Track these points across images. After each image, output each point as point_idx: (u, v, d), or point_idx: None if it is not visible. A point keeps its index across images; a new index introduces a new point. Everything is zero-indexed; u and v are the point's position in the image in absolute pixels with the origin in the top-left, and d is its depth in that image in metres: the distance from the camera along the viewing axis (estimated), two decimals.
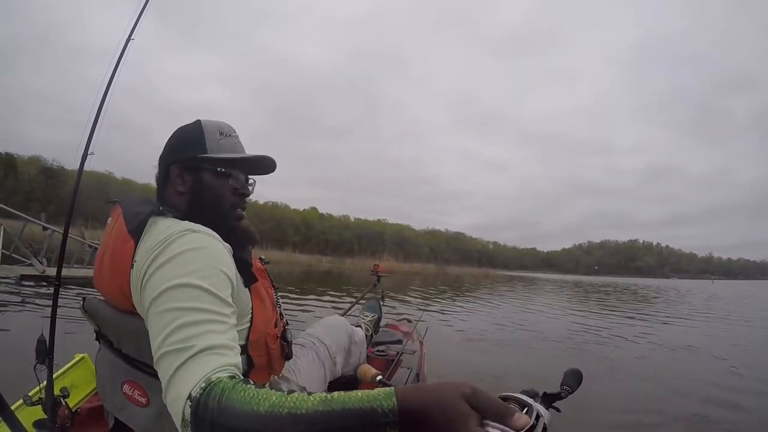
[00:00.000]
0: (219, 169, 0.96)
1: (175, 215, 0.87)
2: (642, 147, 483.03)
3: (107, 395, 0.95)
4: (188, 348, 0.62)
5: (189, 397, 0.56)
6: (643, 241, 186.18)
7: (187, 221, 0.84)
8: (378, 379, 1.39)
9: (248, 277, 0.93)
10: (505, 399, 0.55)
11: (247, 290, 0.94)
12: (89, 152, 1.29)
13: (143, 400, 0.85)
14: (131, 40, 1.37)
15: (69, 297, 5.46)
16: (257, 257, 1.13)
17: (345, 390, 0.54)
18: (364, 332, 1.75)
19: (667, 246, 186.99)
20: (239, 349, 0.69)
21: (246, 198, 1.02)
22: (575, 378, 0.63)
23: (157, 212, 0.85)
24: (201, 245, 0.77)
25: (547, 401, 0.59)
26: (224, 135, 0.98)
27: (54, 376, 1.13)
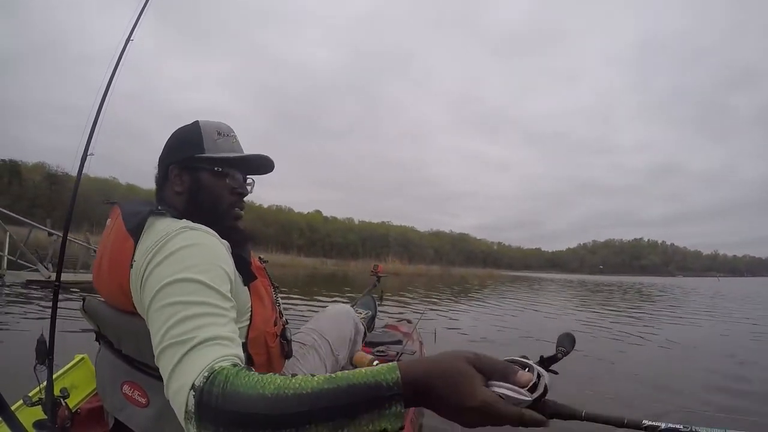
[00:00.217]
0: (216, 169, 0.96)
1: (174, 215, 0.86)
2: (645, 145, 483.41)
3: (107, 396, 0.95)
4: (189, 339, 0.61)
5: (192, 387, 0.54)
6: (648, 240, 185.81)
7: (185, 220, 0.84)
8: (375, 364, 1.37)
9: (247, 275, 0.93)
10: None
11: (246, 288, 0.94)
12: (89, 153, 1.30)
13: (143, 401, 0.85)
14: (131, 41, 1.38)
15: (74, 299, 5.48)
16: (256, 256, 1.13)
17: None
18: None
19: (672, 244, 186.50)
20: (240, 342, 0.68)
21: (244, 197, 1.02)
22: (569, 340, 0.65)
23: (156, 212, 0.85)
24: (198, 242, 0.77)
25: (546, 364, 0.61)
26: (222, 135, 0.99)
27: (54, 377, 1.14)
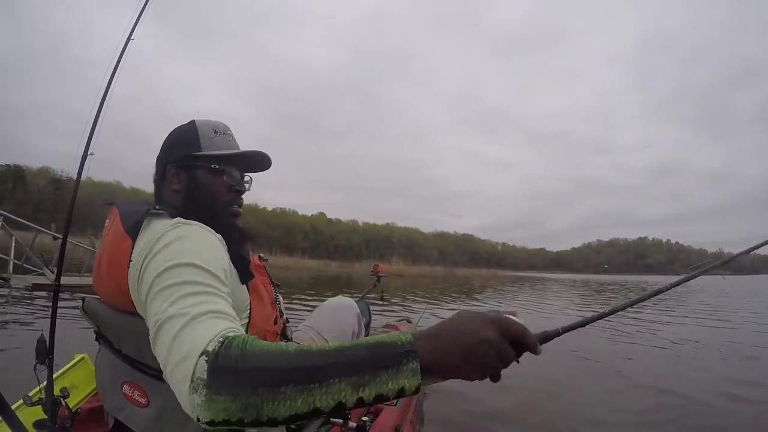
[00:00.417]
0: (213, 166, 0.96)
1: (171, 213, 0.86)
2: (646, 145, 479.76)
3: (107, 395, 0.95)
4: (193, 312, 0.59)
5: (203, 353, 0.52)
6: (653, 239, 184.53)
7: (179, 217, 0.84)
8: None
9: (245, 274, 0.92)
10: None
11: (245, 287, 0.93)
12: (90, 153, 1.30)
13: (143, 401, 0.84)
14: (131, 41, 1.38)
15: (78, 302, 5.47)
16: (256, 255, 1.12)
17: None
18: None
19: (677, 242, 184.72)
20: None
21: (242, 195, 1.02)
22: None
23: (153, 212, 0.85)
24: (192, 234, 0.78)
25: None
26: (218, 133, 0.99)
27: (54, 377, 1.14)
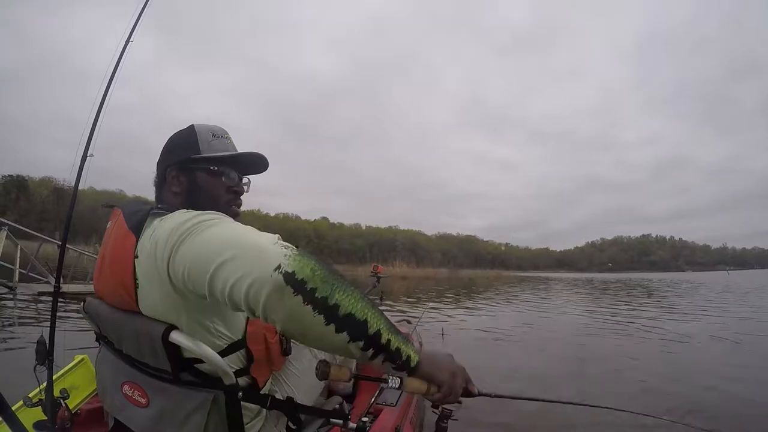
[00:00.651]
0: (212, 168, 0.99)
1: (176, 211, 0.87)
2: (650, 140, 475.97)
3: (107, 396, 0.95)
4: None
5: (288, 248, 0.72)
6: (656, 236, 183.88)
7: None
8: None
9: None
10: None
11: None
12: (89, 154, 1.30)
13: (143, 401, 0.85)
14: (131, 42, 1.38)
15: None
16: None
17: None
18: None
19: (681, 239, 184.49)
20: None
21: (240, 196, 1.04)
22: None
23: (156, 210, 0.87)
24: (218, 214, 0.81)
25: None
26: (216, 137, 1.01)
27: (54, 378, 1.14)
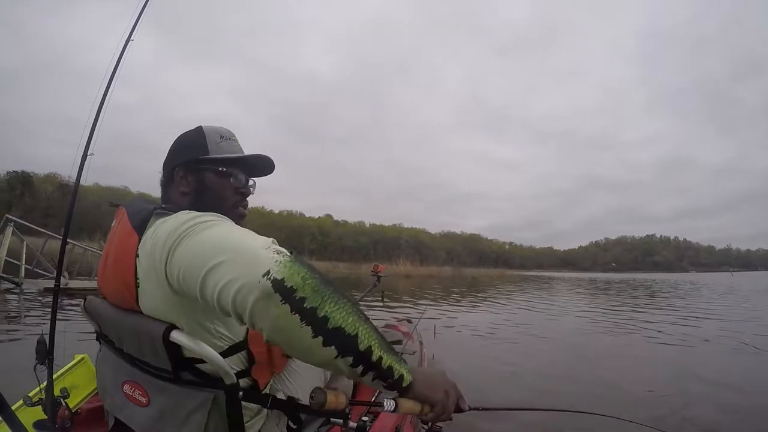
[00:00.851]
0: (220, 169, 1.00)
1: (180, 211, 0.87)
2: (653, 139, 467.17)
3: (108, 395, 0.95)
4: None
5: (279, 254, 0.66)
6: (660, 236, 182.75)
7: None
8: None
9: None
10: None
11: None
12: (89, 153, 1.30)
13: (144, 400, 0.85)
14: (131, 41, 1.38)
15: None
16: None
17: None
18: None
19: (685, 239, 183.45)
20: None
21: (247, 197, 1.05)
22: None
23: (159, 210, 0.87)
24: (217, 215, 0.81)
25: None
26: (224, 138, 1.02)
27: (54, 377, 1.14)
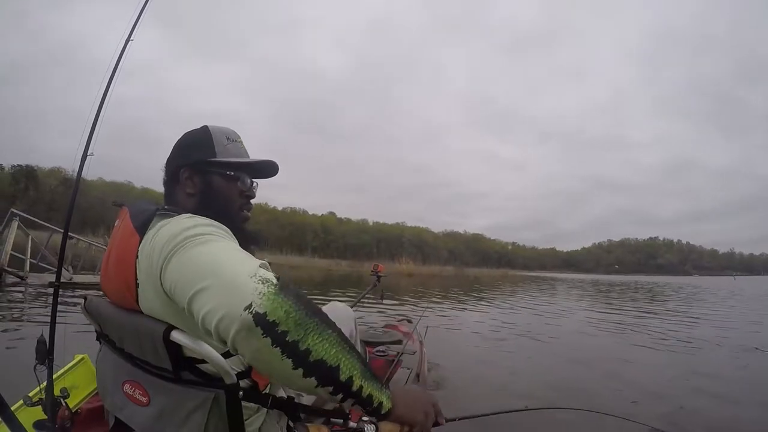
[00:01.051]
0: (228, 173, 0.99)
1: (180, 214, 0.86)
2: (659, 141, 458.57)
3: (108, 395, 0.95)
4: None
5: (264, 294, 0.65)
6: (664, 239, 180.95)
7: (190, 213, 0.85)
8: None
9: None
10: None
11: None
12: (89, 153, 1.31)
13: (144, 400, 0.84)
14: (131, 41, 1.38)
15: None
16: (260, 258, 1.13)
17: None
18: None
19: (688, 243, 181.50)
20: None
21: (251, 200, 1.05)
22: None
23: (162, 211, 0.86)
24: (215, 226, 0.82)
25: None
26: (231, 140, 1.02)
27: (54, 377, 1.14)
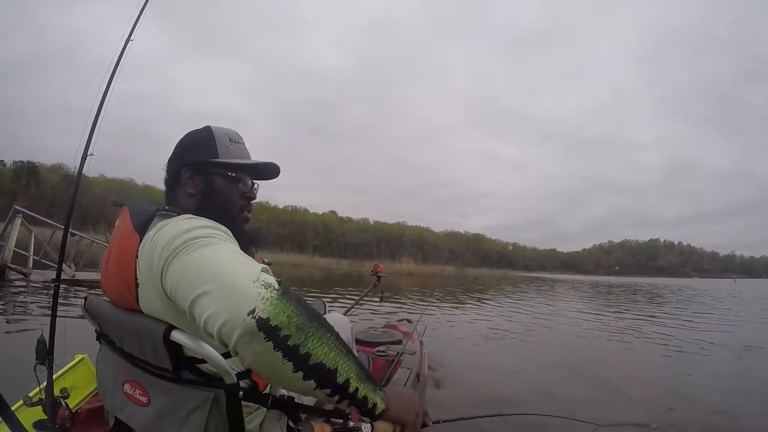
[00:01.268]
0: (230, 174, 1.00)
1: (181, 215, 0.86)
2: (661, 141, 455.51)
3: (108, 395, 0.95)
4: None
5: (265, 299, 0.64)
6: (664, 240, 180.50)
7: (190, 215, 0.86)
8: None
9: None
10: None
11: None
12: (89, 153, 1.31)
13: (144, 400, 0.85)
14: (131, 41, 1.38)
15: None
16: (260, 258, 1.13)
17: None
18: None
19: (689, 245, 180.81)
20: None
21: (251, 201, 1.05)
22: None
23: (162, 212, 0.86)
24: (215, 228, 0.82)
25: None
26: (233, 141, 1.02)
27: (54, 377, 1.14)
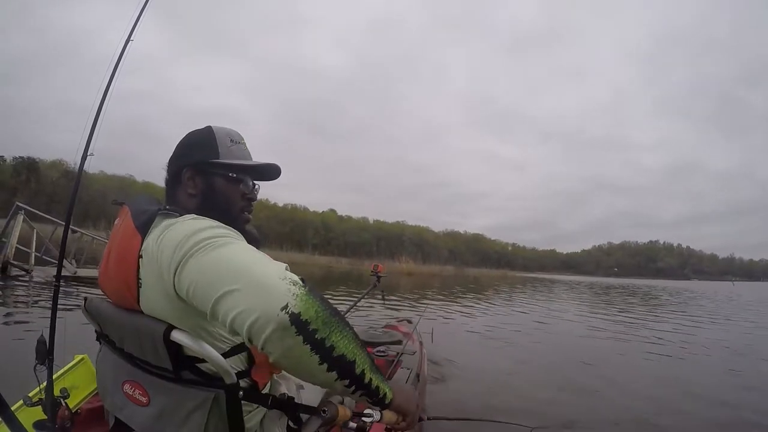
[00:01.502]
0: (231, 175, 0.99)
1: (182, 215, 0.86)
2: (661, 142, 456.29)
3: (108, 395, 0.95)
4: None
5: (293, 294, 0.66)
6: (664, 242, 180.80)
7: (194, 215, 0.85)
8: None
9: None
10: None
11: None
12: (89, 153, 1.31)
13: (144, 400, 0.85)
14: (131, 41, 1.38)
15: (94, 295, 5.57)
16: None
17: None
18: None
19: (688, 247, 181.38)
20: None
21: (252, 202, 1.04)
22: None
23: (164, 211, 0.86)
24: (227, 229, 0.82)
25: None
26: (234, 142, 1.01)
27: (54, 377, 1.14)
